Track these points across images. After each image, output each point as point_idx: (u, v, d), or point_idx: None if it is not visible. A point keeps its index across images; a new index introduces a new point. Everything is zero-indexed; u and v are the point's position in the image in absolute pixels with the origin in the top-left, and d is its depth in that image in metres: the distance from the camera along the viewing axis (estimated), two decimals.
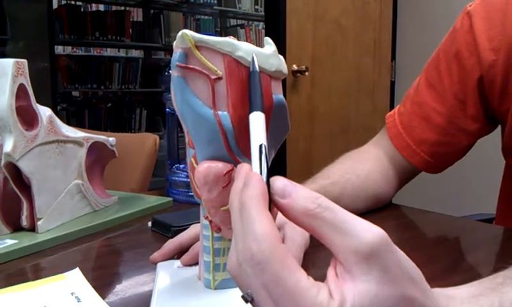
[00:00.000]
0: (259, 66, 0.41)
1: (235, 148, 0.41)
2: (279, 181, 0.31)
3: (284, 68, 0.44)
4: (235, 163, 0.42)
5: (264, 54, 0.42)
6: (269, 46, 0.43)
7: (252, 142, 0.34)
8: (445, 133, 0.79)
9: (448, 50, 0.79)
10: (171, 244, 0.58)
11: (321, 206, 0.29)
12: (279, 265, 0.27)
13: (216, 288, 0.46)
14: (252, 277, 0.28)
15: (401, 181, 0.85)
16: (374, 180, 0.80)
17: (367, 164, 0.82)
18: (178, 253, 0.57)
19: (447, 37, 0.81)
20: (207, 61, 0.40)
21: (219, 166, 0.41)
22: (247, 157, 0.43)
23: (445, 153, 0.82)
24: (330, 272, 0.30)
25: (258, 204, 0.29)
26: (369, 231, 0.28)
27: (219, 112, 0.40)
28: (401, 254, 0.29)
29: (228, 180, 0.41)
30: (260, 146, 0.34)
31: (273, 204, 0.31)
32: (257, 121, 0.36)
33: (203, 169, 0.41)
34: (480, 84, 0.75)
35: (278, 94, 0.43)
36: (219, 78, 0.40)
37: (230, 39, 0.41)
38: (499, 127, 0.83)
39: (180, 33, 0.40)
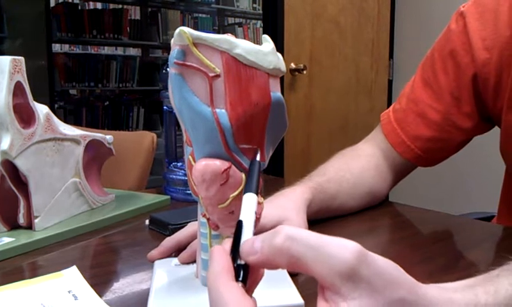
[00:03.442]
0: (256, 63, 0.41)
1: (233, 145, 0.41)
2: (244, 245, 0.31)
3: (282, 65, 0.44)
4: (233, 161, 0.42)
5: (262, 51, 0.42)
6: (268, 43, 0.43)
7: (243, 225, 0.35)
8: (440, 129, 0.80)
9: (443, 49, 0.80)
10: (169, 241, 0.58)
11: (287, 239, 0.29)
12: None
13: None
14: None
15: (396, 177, 0.86)
16: (369, 176, 0.81)
17: (361, 161, 0.82)
18: (176, 251, 0.57)
19: (442, 36, 0.82)
20: (205, 59, 0.40)
21: (217, 164, 0.41)
22: (245, 154, 0.42)
23: (439, 149, 0.82)
24: (320, 302, 0.30)
25: (223, 279, 0.30)
26: (345, 249, 0.29)
27: (217, 110, 0.40)
28: (380, 260, 0.30)
29: (225, 177, 0.41)
30: (239, 222, 0.34)
31: (251, 268, 0.31)
32: (248, 202, 0.36)
33: (201, 166, 0.41)
34: (475, 82, 0.77)
35: (276, 92, 0.43)
36: (217, 75, 0.40)
37: (228, 37, 0.40)
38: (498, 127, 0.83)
39: (178, 30, 0.40)
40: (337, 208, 0.75)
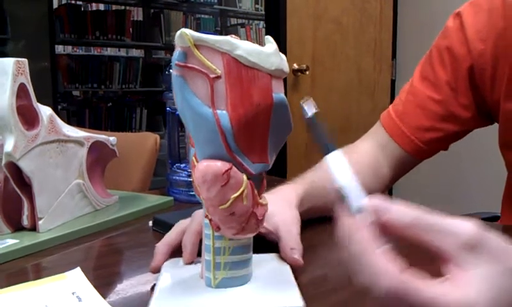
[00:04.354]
0: (257, 65, 0.41)
1: (235, 147, 0.41)
2: (374, 202, 0.36)
3: (285, 66, 0.44)
4: (235, 162, 0.42)
5: (264, 52, 0.42)
6: (270, 44, 0.43)
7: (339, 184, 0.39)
8: (440, 119, 0.81)
9: (440, 45, 0.82)
10: (161, 248, 0.54)
11: (418, 219, 0.34)
12: (414, 291, 0.32)
13: (216, 287, 0.46)
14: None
15: (395, 173, 0.85)
16: (363, 173, 0.80)
17: (355, 157, 0.82)
18: (171, 254, 0.54)
19: (439, 35, 0.84)
20: (206, 60, 0.40)
21: (218, 165, 0.41)
22: (247, 155, 0.42)
23: (438, 139, 0.83)
24: (445, 270, 0.33)
25: (369, 250, 0.33)
26: (466, 226, 0.33)
27: (218, 111, 0.40)
28: (493, 235, 0.33)
29: (226, 179, 0.41)
30: (341, 188, 0.39)
31: (373, 223, 0.35)
32: (337, 163, 0.40)
33: (202, 167, 0.41)
34: (471, 73, 0.79)
35: (278, 93, 0.43)
36: (218, 77, 0.40)
37: (230, 38, 0.40)
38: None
39: (179, 32, 0.40)
40: (330, 204, 0.74)
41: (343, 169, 0.40)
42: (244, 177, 0.42)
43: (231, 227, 0.43)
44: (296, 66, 2.54)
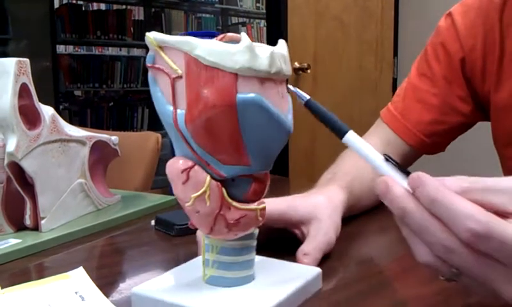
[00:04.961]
0: (217, 64, 0.39)
1: (197, 146, 0.41)
2: (424, 174, 0.37)
3: (260, 64, 0.40)
4: (199, 162, 0.42)
5: (228, 51, 0.39)
6: (242, 42, 0.40)
7: (371, 161, 0.42)
8: (440, 112, 0.83)
9: (434, 42, 0.85)
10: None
11: (474, 183, 0.36)
12: (501, 229, 0.33)
13: (206, 283, 0.47)
14: (469, 252, 0.34)
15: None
16: (371, 171, 0.80)
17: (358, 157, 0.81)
18: None
19: (433, 34, 0.86)
20: (169, 61, 0.41)
21: (179, 163, 0.42)
22: (214, 156, 0.42)
23: (441, 132, 0.84)
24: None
25: (447, 192, 0.35)
26: None
27: (178, 111, 0.41)
28: None
29: (185, 177, 0.41)
30: (386, 159, 0.41)
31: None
32: (356, 142, 0.43)
33: (167, 165, 0.42)
34: (463, 66, 0.81)
35: (247, 94, 0.40)
36: (179, 77, 0.40)
37: (189, 38, 0.40)
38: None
39: (145, 35, 0.41)
40: (359, 207, 0.75)
41: (369, 146, 0.41)
42: (208, 178, 0.42)
43: (199, 225, 0.44)
44: (297, 64, 2.54)
